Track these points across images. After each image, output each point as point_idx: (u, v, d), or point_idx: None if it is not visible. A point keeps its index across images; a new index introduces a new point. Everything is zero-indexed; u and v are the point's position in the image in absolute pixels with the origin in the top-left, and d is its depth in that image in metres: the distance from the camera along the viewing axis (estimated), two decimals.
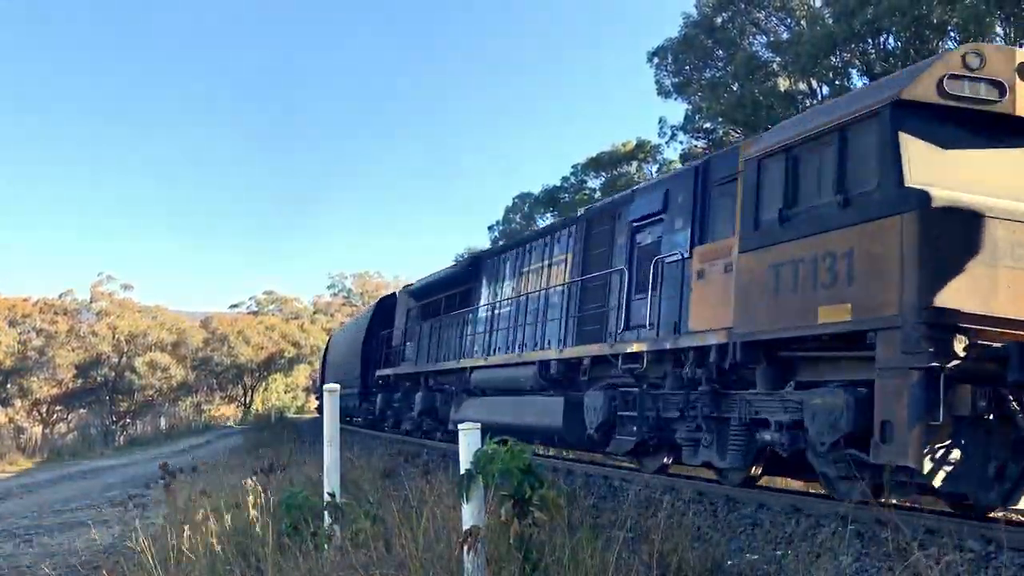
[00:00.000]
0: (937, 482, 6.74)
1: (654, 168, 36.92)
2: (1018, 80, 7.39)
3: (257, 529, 6.95)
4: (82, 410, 50.21)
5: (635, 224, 11.69)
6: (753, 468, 9.26)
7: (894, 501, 7.16)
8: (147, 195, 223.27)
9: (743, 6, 27.83)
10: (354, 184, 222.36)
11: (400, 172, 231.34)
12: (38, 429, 42.87)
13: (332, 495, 6.97)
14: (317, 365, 49.57)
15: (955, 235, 6.75)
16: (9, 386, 47.08)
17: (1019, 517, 8.29)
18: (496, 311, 16.45)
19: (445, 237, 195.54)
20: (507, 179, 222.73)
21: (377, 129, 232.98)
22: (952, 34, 21.02)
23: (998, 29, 18.85)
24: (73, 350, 48.32)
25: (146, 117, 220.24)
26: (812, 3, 26.82)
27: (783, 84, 26.16)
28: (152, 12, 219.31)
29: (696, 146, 30.56)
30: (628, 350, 10.94)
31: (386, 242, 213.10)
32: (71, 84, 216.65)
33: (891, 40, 22.81)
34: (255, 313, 72.46)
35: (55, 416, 49.79)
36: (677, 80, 30.02)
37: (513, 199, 43.29)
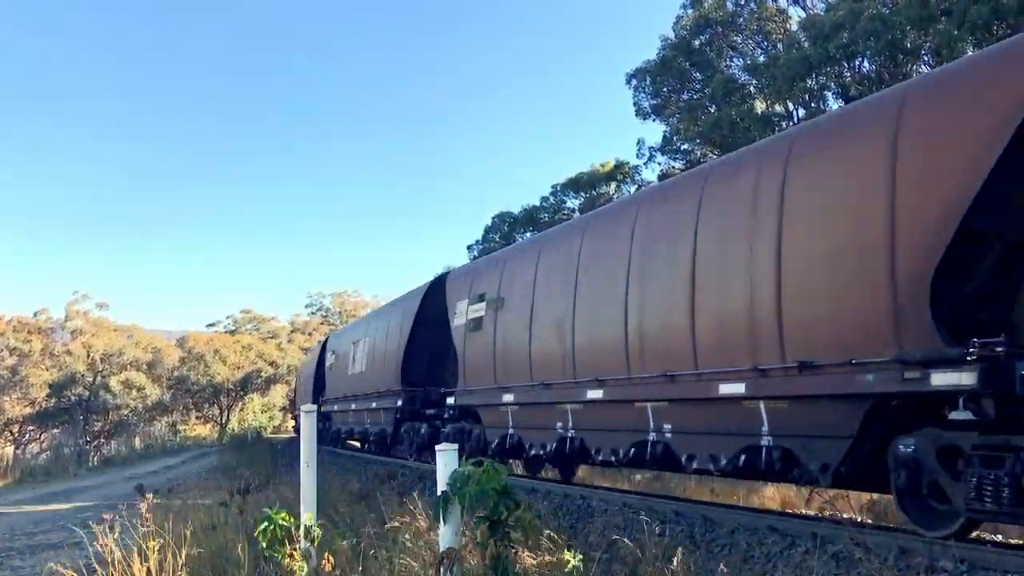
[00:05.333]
0: None
1: (632, 188, 37.13)
2: None
3: (233, 551, 6.89)
4: (55, 430, 49.48)
5: None
6: None
7: (869, 521, 7.19)
8: (124, 212, 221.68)
9: (720, 29, 28.20)
10: (333, 202, 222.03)
11: (379, 191, 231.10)
12: (9, 449, 42.21)
13: (308, 517, 6.91)
14: (294, 384, 49.03)
15: None
16: None
17: (993, 536, 8.35)
18: None
19: (424, 256, 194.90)
20: (487, 198, 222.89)
21: (355, 146, 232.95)
22: (926, 58, 21.36)
23: (970, 53, 19.12)
24: (47, 369, 47.71)
25: (124, 129, 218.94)
26: (788, 26, 27.21)
27: (760, 106, 26.47)
28: (147, 13, 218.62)
29: (674, 167, 30.80)
30: None
31: (365, 261, 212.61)
32: (50, 94, 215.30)
33: (866, 63, 23.15)
34: (232, 332, 71.90)
35: (27, 436, 49.08)
36: (655, 102, 30.33)
37: (492, 218, 43.00)
